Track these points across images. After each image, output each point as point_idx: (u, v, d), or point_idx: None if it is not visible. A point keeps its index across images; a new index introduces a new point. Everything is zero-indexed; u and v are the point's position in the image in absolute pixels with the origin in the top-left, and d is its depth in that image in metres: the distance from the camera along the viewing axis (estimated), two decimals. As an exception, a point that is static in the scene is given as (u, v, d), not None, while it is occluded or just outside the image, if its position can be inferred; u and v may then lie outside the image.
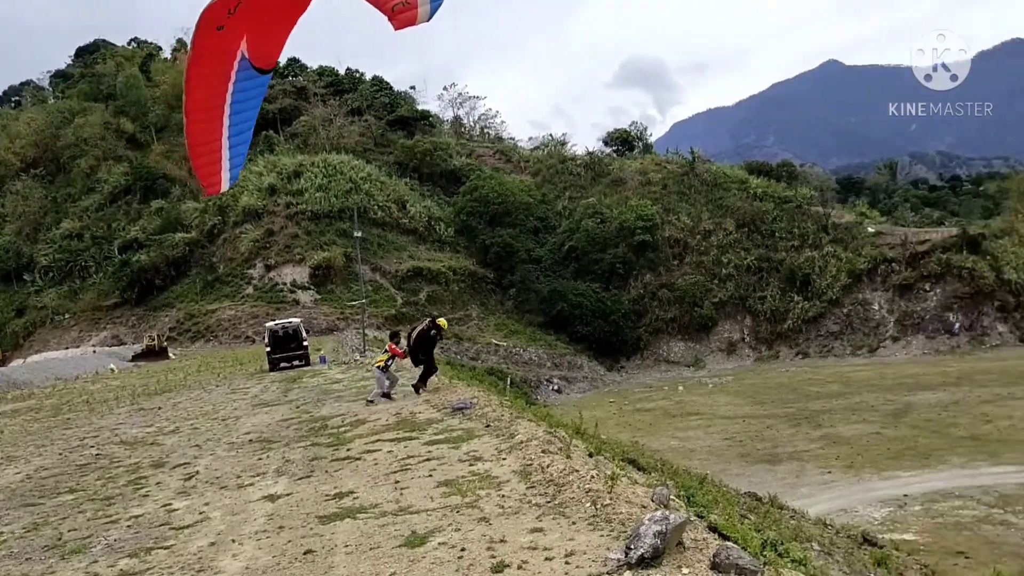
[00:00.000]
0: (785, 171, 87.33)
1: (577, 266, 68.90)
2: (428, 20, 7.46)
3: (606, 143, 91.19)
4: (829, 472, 29.14)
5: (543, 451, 9.45)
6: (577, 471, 8.03)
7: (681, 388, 52.90)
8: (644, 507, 6.78)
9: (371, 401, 17.14)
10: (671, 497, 7.28)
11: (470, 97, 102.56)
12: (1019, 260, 60.39)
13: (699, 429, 39.45)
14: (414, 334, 17.26)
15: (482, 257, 69.40)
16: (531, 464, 9.00)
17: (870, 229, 68.09)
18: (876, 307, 62.37)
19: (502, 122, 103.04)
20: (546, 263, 69.67)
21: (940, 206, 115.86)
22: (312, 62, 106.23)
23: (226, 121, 9.16)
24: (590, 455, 9.58)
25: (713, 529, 6.81)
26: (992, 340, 57.41)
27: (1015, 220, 67.76)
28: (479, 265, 68.93)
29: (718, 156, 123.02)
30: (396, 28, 7.34)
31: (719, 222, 71.12)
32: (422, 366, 17.68)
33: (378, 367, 17.69)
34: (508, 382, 39.94)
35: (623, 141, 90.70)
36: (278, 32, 8.92)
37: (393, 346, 18.01)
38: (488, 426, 12.15)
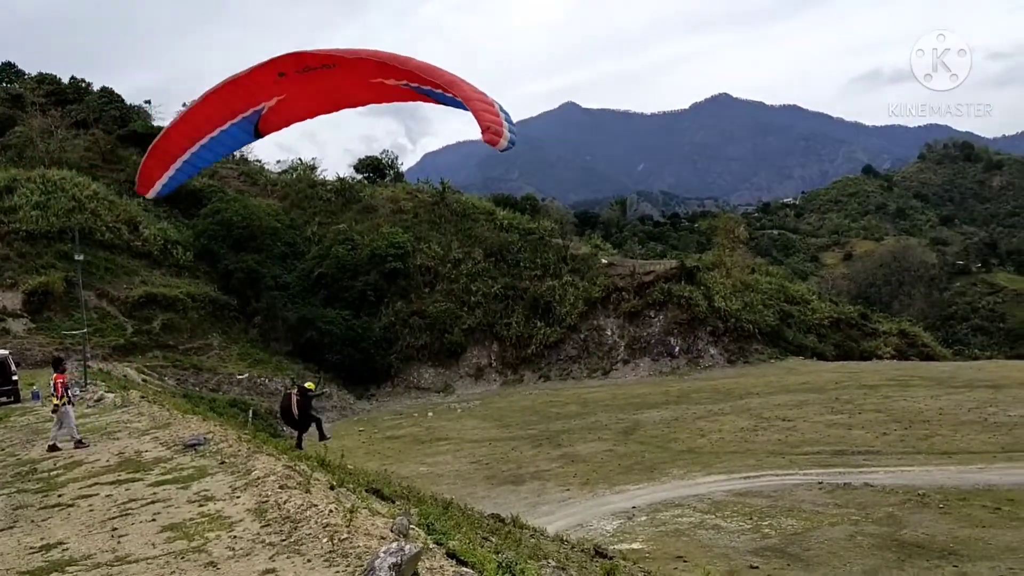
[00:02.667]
0: (529, 204, 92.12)
1: (327, 293, 67.50)
2: (502, 150, 8.46)
3: (358, 170, 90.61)
4: (568, 489, 30.69)
5: (281, 487, 9.08)
6: (316, 506, 7.80)
7: (431, 414, 53.40)
8: (383, 539, 6.71)
9: (81, 442, 15.52)
10: (411, 526, 7.27)
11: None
12: (726, 290, 67.89)
13: (448, 454, 39.99)
14: (294, 405, 17.62)
15: (225, 283, 65.85)
16: (267, 501, 8.61)
17: (603, 260, 73.31)
18: (609, 332, 67.14)
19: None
20: (294, 290, 67.57)
21: (663, 240, 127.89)
22: (31, 68, 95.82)
23: (198, 147, 9.65)
24: (331, 488, 9.34)
25: (452, 555, 6.87)
26: (705, 362, 63.89)
27: (722, 253, 76.23)
28: (221, 291, 65.29)
29: (467, 187, 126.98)
30: (485, 141, 8.14)
31: (468, 251, 73.13)
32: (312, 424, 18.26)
33: (64, 405, 15.75)
34: (251, 414, 38.17)
35: (375, 168, 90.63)
36: (297, 115, 9.76)
37: (60, 378, 16.20)
38: (223, 463, 11.48)
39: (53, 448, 15.27)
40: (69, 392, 16.02)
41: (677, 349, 64.99)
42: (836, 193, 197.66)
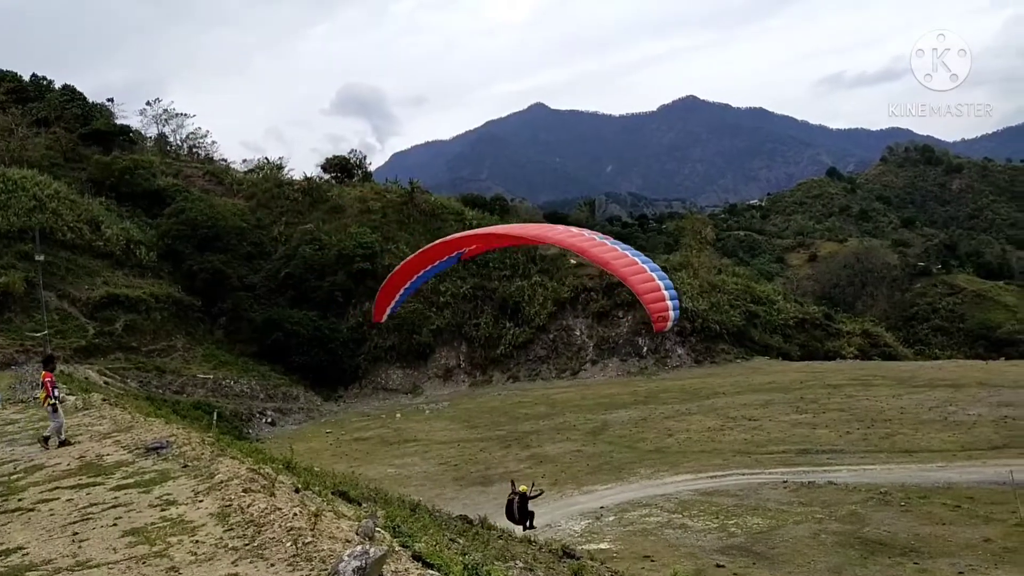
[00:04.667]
0: (498, 204, 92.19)
1: (294, 293, 66.91)
2: (669, 327, 11.21)
3: (325, 169, 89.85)
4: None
5: (244, 490, 8.97)
6: (280, 509, 7.71)
7: (399, 415, 53.17)
8: (348, 542, 6.65)
9: (47, 439, 15.25)
10: (377, 529, 7.22)
11: (177, 114, 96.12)
12: (694, 290, 68.42)
13: (416, 455, 39.87)
14: (515, 508, 20.60)
15: (189, 284, 64.95)
16: (230, 505, 8.49)
17: (572, 261, 73.51)
18: (578, 333, 67.38)
19: (213, 142, 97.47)
20: (260, 290, 66.91)
21: (631, 241, 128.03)
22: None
23: (414, 278, 15.83)
24: (296, 491, 9.25)
25: (417, 558, 6.84)
26: (673, 361, 64.36)
27: (690, 255, 76.88)
28: (186, 292, 64.38)
29: (436, 188, 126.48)
30: (656, 330, 9.94)
31: (436, 251, 72.94)
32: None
33: (50, 406, 15.65)
34: (216, 416, 37.73)
35: (342, 168, 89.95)
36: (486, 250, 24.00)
37: (48, 376, 16.02)
38: (186, 466, 11.31)
39: (64, 443, 15.11)
40: (56, 391, 15.75)
41: (645, 349, 65.39)
42: (801, 195, 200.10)
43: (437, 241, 15.32)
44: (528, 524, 20.45)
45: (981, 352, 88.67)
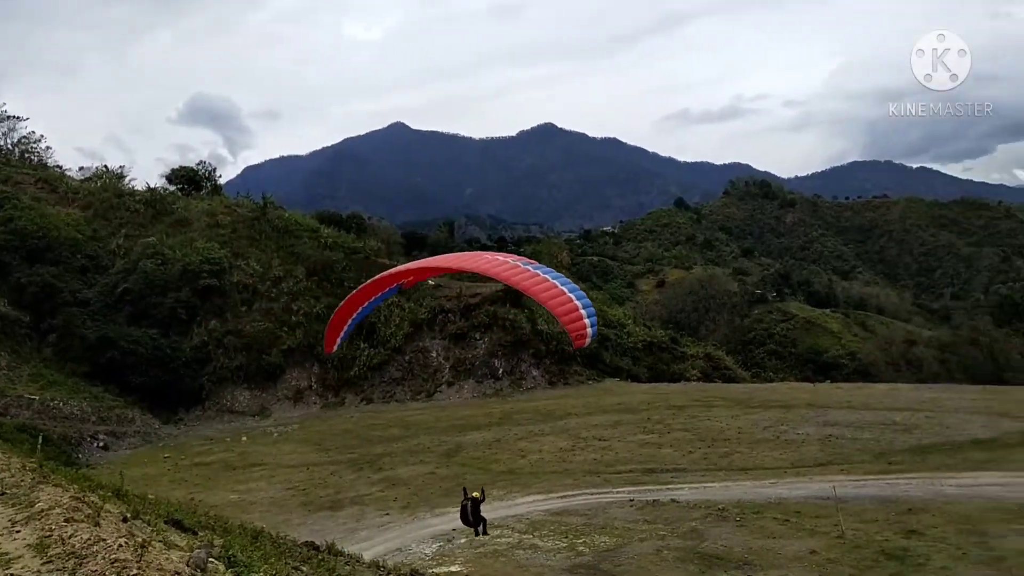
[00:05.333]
0: (355, 223, 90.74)
1: (133, 310, 63.08)
2: (587, 344, 12.67)
3: (171, 180, 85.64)
4: (387, 514, 30.25)
5: (66, 520, 8.31)
6: (104, 540, 7.18)
7: (244, 438, 51.07)
8: (177, 574, 6.29)
9: None
10: (210, 559, 6.86)
11: (8, 117, 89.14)
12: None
13: (262, 480, 38.38)
14: (468, 512, 22.40)
15: (16, 297, 60.04)
16: (51, 535, 7.85)
17: (430, 282, 73.37)
18: (434, 354, 67.15)
19: (47, 148, 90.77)
20: (95, 306, 62.66)
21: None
22: None
23: (359, 311, 17.66)
24: (124, 520, 8.66)
25: (255, 587, 6.58)
26: (528, 383, 65.27)
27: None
28: (12, 306, 59.48)
29: (290, 203, 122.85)
30: (576, 347, 11.53)
31: (290, 269, 70.91)
32: None
33: None
34: (41, 440, 34.94)
35: (190, 180, 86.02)
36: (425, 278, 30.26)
37: None
38: (3, 494, 10.39)
39: None
40: None
41: (501, 371, 65.98)
42: (651, 223, 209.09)
43: (378, 276, 18.24)
44: (482, 529, 21.97)
45: (810, 375, 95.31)
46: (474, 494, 21.98)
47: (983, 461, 33.23)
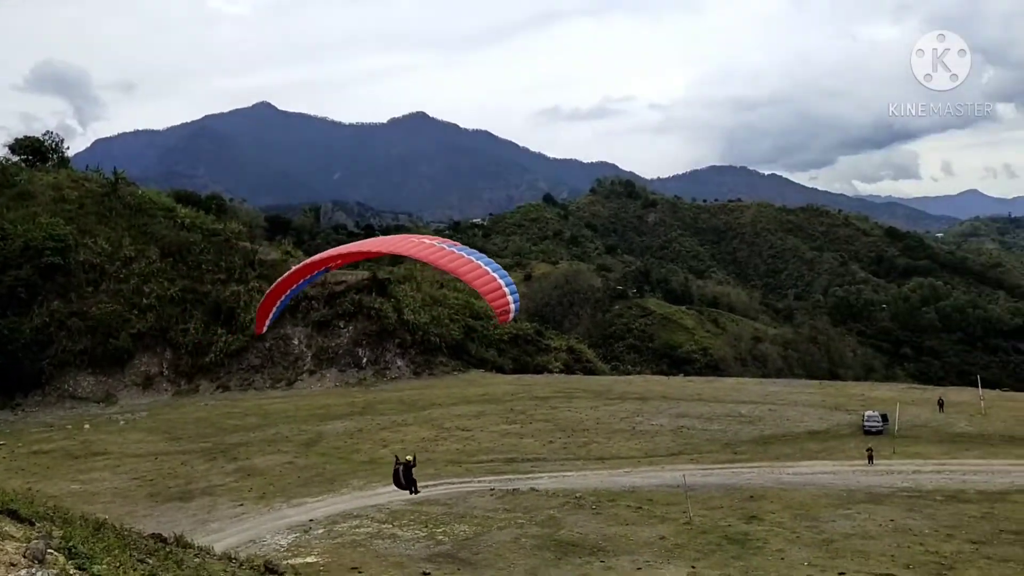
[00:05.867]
0: (215, 203, 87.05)
1: (-36, 288, 58.14)
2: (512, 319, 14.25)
3: (13, 150, 79.26)
4: (241, 504, 29.34)
5: None
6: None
7: (87, 426, 48.16)
8: (13, 565, 5.89)
9: None
10: (48, 551, 6.44)
11: None
12: (416, 303, 69.48)
13: (106, 470, 36.35)
14: (401, 476, 21.72)
15: None
16: None
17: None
18: (296, 342, 65.46)
19: None
20: (-80, 282, 57.36)
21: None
22: None
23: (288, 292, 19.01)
24: (-52, 512, 7.99)
25: (96, 581, 6.25)
26: (392, 373, 64.77)
27: (415, 267, 77.94)
28: None
29: (145, 180, 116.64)
30: (500, 322, 13.46)
31: (142, 249, 67.20)
32: None
33: None
34: None
35: (35, 151, 79.91)
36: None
37: None
38: None
39: None
40: None
41: (365, 360, 65.14)
42: (520, 217, 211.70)
43: (307, 260, 18.96)
44: (414, 490, 22.40)
45: (665, 369, 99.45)
46: (407, 458, 22.48)
47: (817, 451, 35.80)
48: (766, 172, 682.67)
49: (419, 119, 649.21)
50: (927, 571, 20.35)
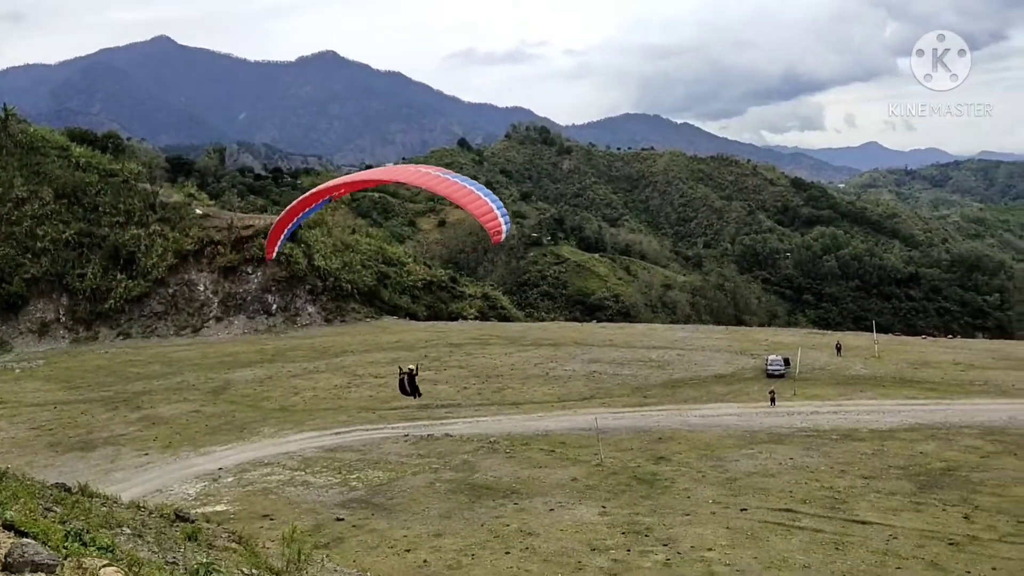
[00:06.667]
0: (112, 143, 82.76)
1: None
2: (503, 239, 15.51)
3: None
4: (146, 454, 28.68)
5: None
6: None
7: (-21, 376, 45.96)
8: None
9: None
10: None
11: None
12: (327, 249, 68.20)
13: (1, 420, 34.87)
14: (407, 383, 24.26)
15: None
16: None
17: (198, 211, 69.02)
18: (202, 288, 63.59)
19: None
20: None
21: (264, 194, 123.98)
22: None
23: (296, 219, 19.61)
24: None
25: (9, 527, 6.13)
26: (303, 320, 63.76)
27: (326, 212, 76.33)
28: None
29: (36, 117, 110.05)
30: (494, 243, 13.35)
31: (35, 190, 63.67)
32: None
33: None
34: None
35: (-92, 80, 74.29)
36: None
37: None
38: None
39: None
40: None
41: (275, 307, 63.88)
42: (434, 162, 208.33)
43: (313, 190, 19.57)
44: (418, 395, 24.44)
45: (578, 315, 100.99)
46: (409, 366, 24.52)
47: (723, 394, 37.18)
48: (678, 121, 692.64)
49: (329, 59, 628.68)
50: (822, 505, 21.58)
